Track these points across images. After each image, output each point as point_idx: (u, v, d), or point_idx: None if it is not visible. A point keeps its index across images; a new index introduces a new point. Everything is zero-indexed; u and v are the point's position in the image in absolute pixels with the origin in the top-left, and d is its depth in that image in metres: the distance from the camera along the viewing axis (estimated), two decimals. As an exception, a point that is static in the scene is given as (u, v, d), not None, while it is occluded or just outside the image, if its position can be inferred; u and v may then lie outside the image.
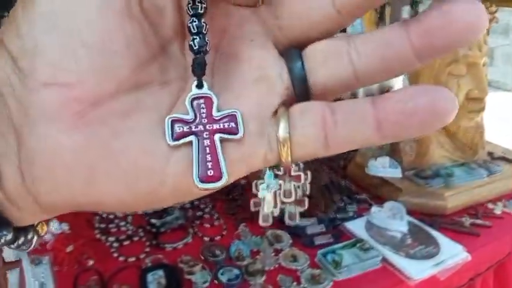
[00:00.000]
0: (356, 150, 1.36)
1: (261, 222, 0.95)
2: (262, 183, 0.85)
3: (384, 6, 1.71)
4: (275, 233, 1.00)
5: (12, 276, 0.89)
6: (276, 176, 0.87)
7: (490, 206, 1.11)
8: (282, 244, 0.96)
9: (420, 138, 1.14)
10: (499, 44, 6.57)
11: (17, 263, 0.89)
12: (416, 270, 0.87)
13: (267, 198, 0.85)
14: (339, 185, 1.17)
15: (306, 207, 0.97)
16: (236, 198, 1.16)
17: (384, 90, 1.68)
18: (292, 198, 0.92)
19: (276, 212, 0.92)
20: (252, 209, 0.93)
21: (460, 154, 1.18)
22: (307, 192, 0.97)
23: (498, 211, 1.09)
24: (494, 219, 1.06)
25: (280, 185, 0.89)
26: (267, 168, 0.84)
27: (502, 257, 1.06)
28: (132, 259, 0.93)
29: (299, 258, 0.91)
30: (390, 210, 1.03)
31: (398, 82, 1.41)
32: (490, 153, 1.24)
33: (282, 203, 0.92)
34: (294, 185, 0.92)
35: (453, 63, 1.07)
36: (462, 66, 1.07)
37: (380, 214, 1.02)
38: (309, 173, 0.94)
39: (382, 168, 1.17)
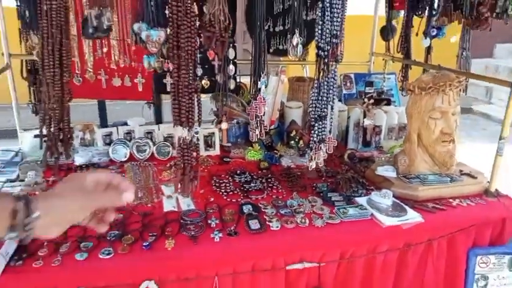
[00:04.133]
0: (373, 162, 2.08)
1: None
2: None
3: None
4: (314, 198, 1.75)
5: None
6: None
7: (450, 200, 1.76)
8: (316, 204, 1.71)
9: (410, 155, 1.84)
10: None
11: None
12: (387, 221, 1.57)
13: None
14: (357, 180, 1.89)
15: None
16: (292, 180, 1.93)
17: (372, 128, 2.35)
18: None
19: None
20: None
21: (437, 168, 1.85)
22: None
23: (454, 204, 1.75)
24: (450, 207, 1.72)
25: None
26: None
27: (453, 231, 1.71)
28: (234, 200, 1.73)
29: (324, 209, 1.65)
30: (383, 193, 1.73)
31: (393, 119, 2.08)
32: (461, 170, 1.89)
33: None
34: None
35: (431, 110, 1.76)
36: (437, 113, 1.76)
37: (376, 194, 1.72)
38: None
39: (385, 171, 1.88)
